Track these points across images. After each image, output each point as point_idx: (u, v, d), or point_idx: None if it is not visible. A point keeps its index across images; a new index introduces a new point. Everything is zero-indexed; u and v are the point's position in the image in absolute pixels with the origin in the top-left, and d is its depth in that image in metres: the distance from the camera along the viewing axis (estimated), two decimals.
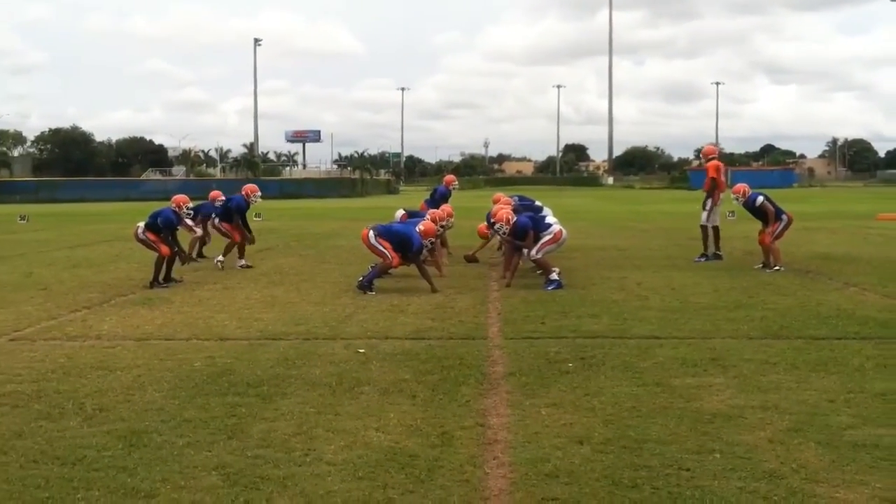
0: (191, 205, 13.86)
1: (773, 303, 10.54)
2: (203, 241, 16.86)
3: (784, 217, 14.12)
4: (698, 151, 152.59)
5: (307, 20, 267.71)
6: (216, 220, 15.85)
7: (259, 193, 15.92)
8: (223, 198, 16.78)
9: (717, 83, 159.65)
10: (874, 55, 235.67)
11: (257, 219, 30.07)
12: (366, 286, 11.84)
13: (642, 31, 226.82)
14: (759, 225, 14.47)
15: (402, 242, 12.15)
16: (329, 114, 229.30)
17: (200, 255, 16.74)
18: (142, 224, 13.22)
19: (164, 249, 12.90)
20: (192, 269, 14.10)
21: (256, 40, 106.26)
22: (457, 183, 18.78)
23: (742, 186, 14.60)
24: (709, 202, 15.79)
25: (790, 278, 12.90)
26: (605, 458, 5.01)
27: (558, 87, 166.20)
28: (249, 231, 15.61)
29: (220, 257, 15.18)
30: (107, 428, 5.70)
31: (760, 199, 14.23)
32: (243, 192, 15.58)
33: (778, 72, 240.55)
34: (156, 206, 14.75)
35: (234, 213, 15.35)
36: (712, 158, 16.17)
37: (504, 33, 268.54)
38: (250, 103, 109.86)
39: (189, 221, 15.24)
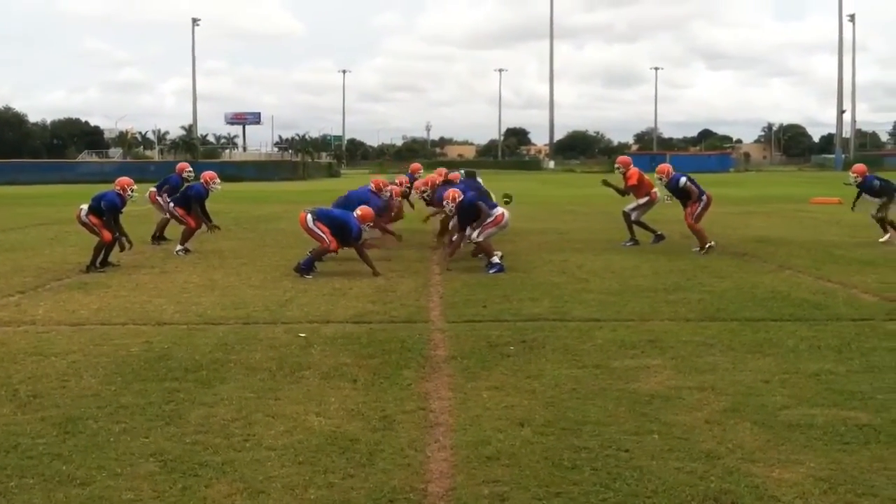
0: (135, 187, 13.32)
1: (710, 285, 10.69)
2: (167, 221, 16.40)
3: (704, 197, 14.33)
4: (638, 136, 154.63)
5: (245, 0, 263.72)
6: (171, 205, 15.33)
7: (218, 181, 15.35)
8: (190, 169, 16.54)
9: (657, 68, 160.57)
10: (808, 41, 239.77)
11: None
12: (303, 270, 11.77)
13: (581, 15, 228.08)
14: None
15: (341, 227, 12.07)
16: (269, 96, 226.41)
17: (162, 237, 16.40)
18: (85, 206, 12.84)
19: (106, 235, 12.57)
20: (134, 252, 13.82)
21: (195, 20, 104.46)
22: (422, 171, 18.97)
23: (665, 167, 14.92)
24: (645, 199, 15.68)
25: (726, 261, 13.10)
26: (546, 440, 5.04)
27: (500, 70, 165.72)
28: (209, 219, 15.02)
29: (180, 246, 14.69)
30: (41, 415, 5.59)
31: (683, 179, 14.49)
32: (202, 180, 15.10)
33: (715, 57, 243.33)
34: (94, 188, 14.48)
35: (193, 202, 14.86)
36: (627, 168, 16.02)
37: (444, 16, 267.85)
38: (188, 84, 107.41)
39: (160, 200, 15.28)
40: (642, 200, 15.68)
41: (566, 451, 4.86)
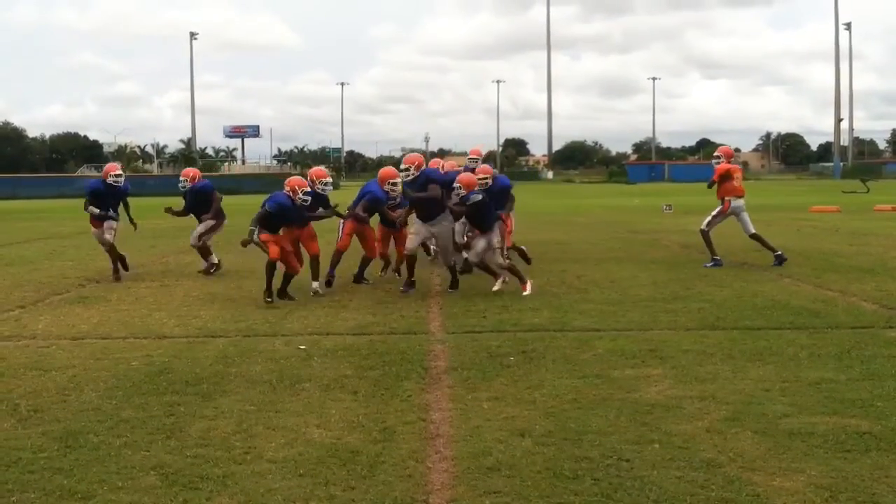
0: (307, 189, 11.20)
1: (709, 294, 10.70)
2: None
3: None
4: (636, 146, 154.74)
5: (241, 12, 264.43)
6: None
7: (327, 180, 12.09)
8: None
9: (654, 78, 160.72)
10: (804, 50, 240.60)
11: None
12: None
13: (576, 25, 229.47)
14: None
15: None
16: (266, 108, 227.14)
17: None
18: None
19: (273, 251, 10.67)
20: (134, 265, 13.77)
21: (192, 34, 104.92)
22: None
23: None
24: (717, 208, 13.81)
25: (726, 270, 13.09)
26: (547, 451, 5.04)
27: (498, 81, 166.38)
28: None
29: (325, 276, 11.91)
30: (42, 429, 5.59)
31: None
32: (309, 177, 11.86)
33: (711, 67, 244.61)
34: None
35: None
36: (719, 159, 13.96)
37: (440, 27, 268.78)
38: (186, 98, 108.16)
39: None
40: (714, 210, 13.84)
41: (567, 461, 4.86)
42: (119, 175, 13.53)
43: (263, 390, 6.49)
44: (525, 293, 10.85)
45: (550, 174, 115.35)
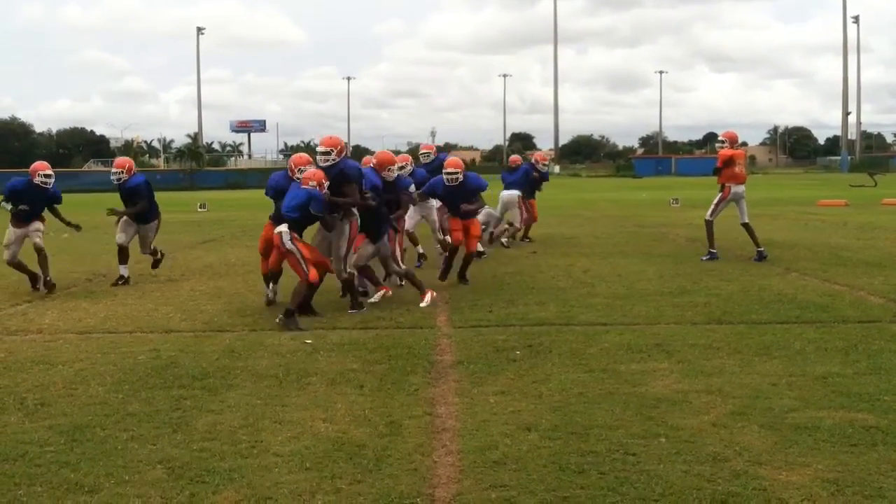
0: (304, 168, 9.66)
1: (716, 288, 10.68)
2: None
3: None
4: (643, 140, 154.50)
5: (247, 8, 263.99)
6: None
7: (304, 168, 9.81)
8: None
9: (661, 72, 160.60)
10: (812, 43, 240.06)
11: (201, 209, 29.72)
12: None
13: (584, 19, 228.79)
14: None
15: None
16: (273, 103, 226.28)
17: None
18: (284, 228, 9.21)
19: (312, 274, 9.12)
20: (138, 261, 13.80)
21: (199, 29, 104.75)
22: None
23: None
24: (717, 196, 13.71)
25: (732, 264, 13.07)
26: (553, 445, 5.04)
27: (504, 76, 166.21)
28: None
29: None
30: (49, 423, 5.60)
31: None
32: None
33: (718, 60, 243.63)
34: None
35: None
36: (724, 143, 13.71)
37: (446, 22, 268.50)
38: (192, 93, 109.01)
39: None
40: (716, 198, 13.69)
41: (573, 455, 4.86)
42: (49, 175, 11.81)
43: (270, 384, 6.50)
44: (422, 304, 9.91)
45: (557, 168, 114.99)
